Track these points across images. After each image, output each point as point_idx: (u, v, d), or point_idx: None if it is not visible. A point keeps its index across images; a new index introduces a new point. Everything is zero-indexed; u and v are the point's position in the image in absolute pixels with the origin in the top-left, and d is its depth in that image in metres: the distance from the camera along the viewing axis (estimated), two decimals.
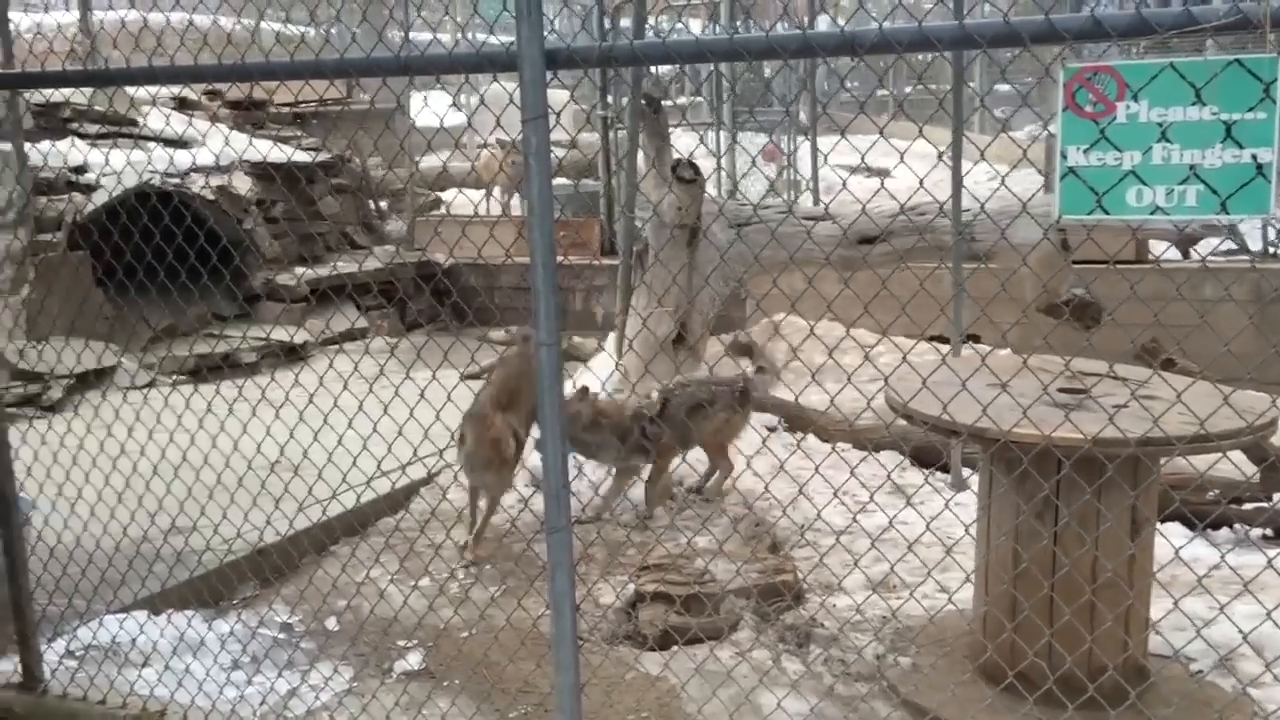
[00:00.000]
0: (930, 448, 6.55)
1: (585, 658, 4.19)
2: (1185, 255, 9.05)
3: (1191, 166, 2.36)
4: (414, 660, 4.51)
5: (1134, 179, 2.40)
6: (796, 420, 7.28)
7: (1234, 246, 9.46)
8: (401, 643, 4.64)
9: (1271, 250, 9.19)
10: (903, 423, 4.34)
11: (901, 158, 2.75)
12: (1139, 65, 2.42)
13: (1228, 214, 2.29)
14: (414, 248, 12.71)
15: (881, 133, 2.85)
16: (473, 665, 4.41)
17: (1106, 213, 2.40)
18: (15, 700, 3.99)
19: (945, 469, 6.66)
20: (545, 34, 2.74)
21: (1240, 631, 3.39)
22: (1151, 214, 2.36)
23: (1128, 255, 8.74)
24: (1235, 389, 3.81)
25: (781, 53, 2.69)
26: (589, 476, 6.16)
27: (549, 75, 2.79)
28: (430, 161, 15.49)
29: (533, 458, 5.79)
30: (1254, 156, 2.31)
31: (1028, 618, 3.69)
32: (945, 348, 6.92)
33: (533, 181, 2.88)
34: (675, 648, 4.33)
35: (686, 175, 6.62)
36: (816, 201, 10.98)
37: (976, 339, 8.08)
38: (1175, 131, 2.38)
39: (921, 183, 2.83)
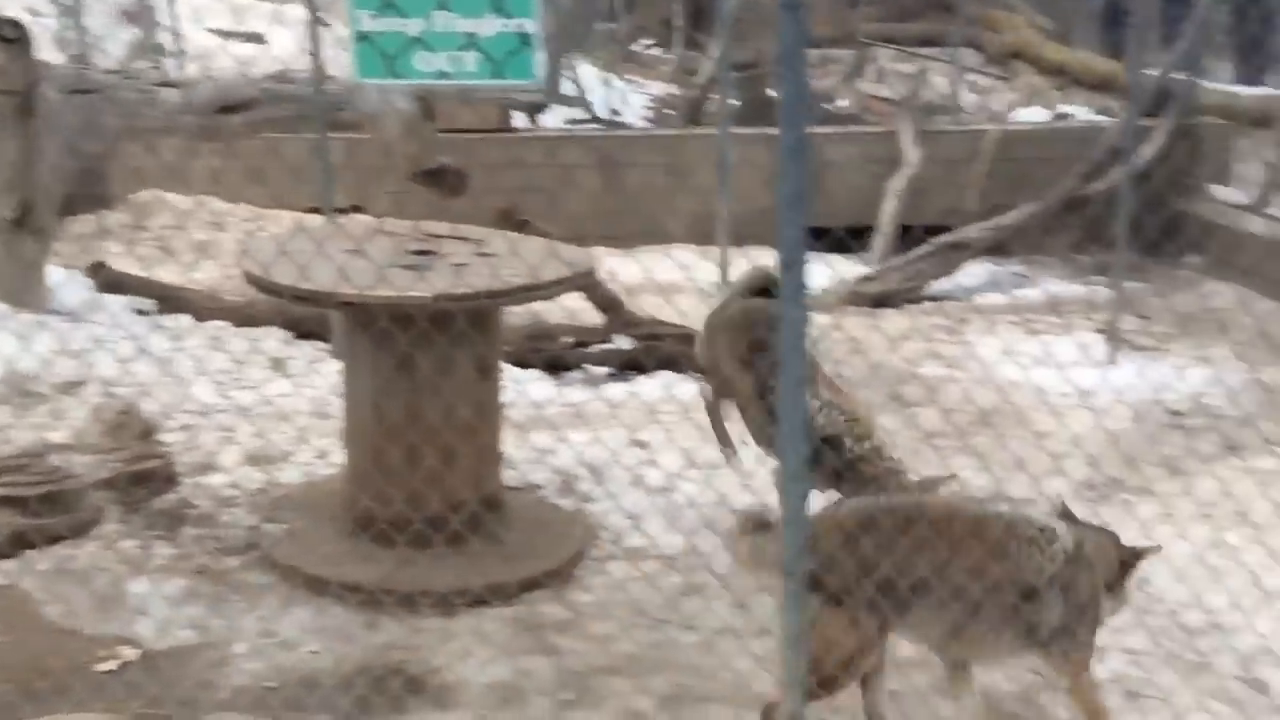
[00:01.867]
0: (315, 318, 6.54)
1: None
2: (533, 122, 9.72)
3: (470, 34, 2.55)
4: None
5: (420, 44, 2.54)
6: (171, 301, 6.90)
7: (586, 115, 10.34)
8: None
9: (614, 118, 10.20)
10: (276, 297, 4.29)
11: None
12: None
13: (503, 80, 2.52)
14: None
15: None
16: None
17: (398, 77, 2.53)
18: None
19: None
20: None
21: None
22: (439, 79, 2.53)
23: (493, 124, 9.22)
24: (575, 245, 4.29)
25: None
26: None
27: None
28: None
29: None
30: (520, 26, 2.55)
31: (394, 467, 3.91)
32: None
33: None
34: (30, 552, 4.02)
35: (7, 34, 5.82)
36: (183, 67, 10.25)
37: (360, 209, 8.14)
38: (453, 1, 2.54)
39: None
